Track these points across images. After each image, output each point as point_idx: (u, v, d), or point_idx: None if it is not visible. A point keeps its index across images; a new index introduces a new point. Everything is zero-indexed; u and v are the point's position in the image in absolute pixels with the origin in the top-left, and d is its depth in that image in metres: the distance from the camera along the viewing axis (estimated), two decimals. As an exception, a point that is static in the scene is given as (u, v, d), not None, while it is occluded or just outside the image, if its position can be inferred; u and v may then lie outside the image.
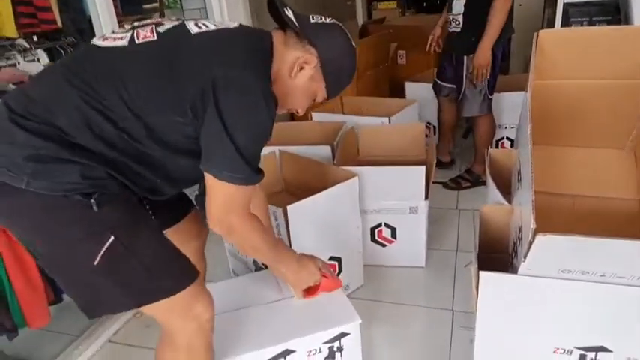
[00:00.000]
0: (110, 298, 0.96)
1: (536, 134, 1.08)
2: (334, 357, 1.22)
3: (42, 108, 0.90)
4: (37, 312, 1.48)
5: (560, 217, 1.31)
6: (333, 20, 1.06)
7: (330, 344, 1.20)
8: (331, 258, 1.68)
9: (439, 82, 2.66)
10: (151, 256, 0.95)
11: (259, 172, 0.98)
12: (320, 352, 1.20)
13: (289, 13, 0.99)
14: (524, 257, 0.97)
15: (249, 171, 0.95)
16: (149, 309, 0.99)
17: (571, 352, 1.12)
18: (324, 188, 1.61)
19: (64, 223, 0.91)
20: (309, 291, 1.26)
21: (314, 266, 1.23)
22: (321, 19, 1.04)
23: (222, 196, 0.97)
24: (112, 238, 0.90)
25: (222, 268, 1.97)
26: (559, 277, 1.02)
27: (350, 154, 2.13)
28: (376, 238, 1.92)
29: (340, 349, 1.21)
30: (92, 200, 0.89)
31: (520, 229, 1.08)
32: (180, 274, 0.99)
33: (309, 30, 1.00)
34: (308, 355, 1.19)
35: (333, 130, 2.22)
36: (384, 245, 1.93)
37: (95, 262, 0.90)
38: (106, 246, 0.89)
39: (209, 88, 0.89)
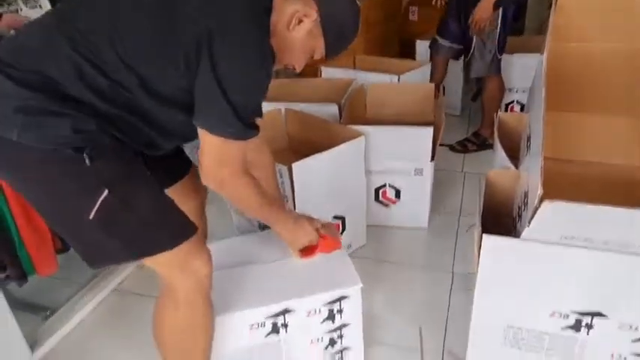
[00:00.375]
0: (108, 250, 0.96)
1: (550, 99, 1.05)
2: (333, 319, 1.23)
3: (32, 57, 0.87)
4: (44, 260, 1.51)
5: (568, 183, 1.30)
6: None
7: (330, 306, 1.21)
8: (335, 217, 1.69)
9: (439, 39, 2.55)
10: (146, 210, 0.95)
11: (253, 127, 0.96)
12: (319, 313, 1.21)
13: None
14: (529, 223, 0.97)
15: (241, 125, 0.93)
16: (148, 262, 1.00)
17: (567, 317, 1.13)
18: (330, 147, 1.60)
19: (56, 178, 0.90)
20: (307, 251, 1.26)
21: (310, 226, 1.22)
22: None
23: (214, 149, 0.95)
24: (106, 192, 0.89)
25: (226, 226, 1.98)
26: (562, 244, 1.02)
27: (357, 112, 2.10)
28: (380, 198, 1.93)
29: (340, 311, 1.22)
30: (84, 154, 0.87)
31: (526, 195, 1.08)
32: (176, 229, 0.99)
33: None
34: (307, 315, 1.20)
35: (341, 88, 2.18)
36: (387, 206, 1.94)
37: (90, 217, 0.89)
38: (100, 200, 0.89)
39: (204, 40, 0.87)
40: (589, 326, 1.13)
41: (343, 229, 1.74)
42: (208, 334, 1.09)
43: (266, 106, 1.93)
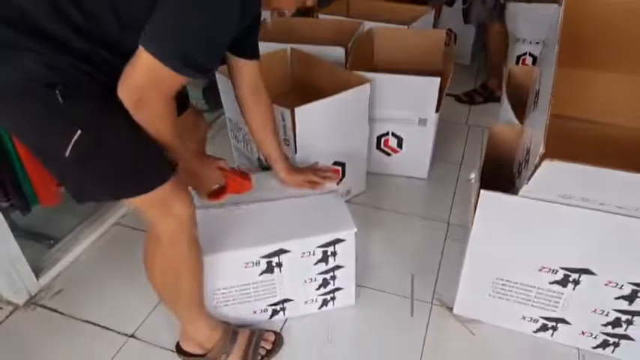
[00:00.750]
0: (88, 188, 0.96)
1: (563, 54, 1.02)
2: (327, 261, 1.27)
3: None
4: (47, 191, 1.53)
5: (571, 141, 1.28)
6: None
7: (324, 248, 1.24)
8: (335, 163, 1.70)
9: None
10: (121, 151, 0.92)
11: (193, 67, 0.85)
12: (313, 254, 1.25)
13: None
14: (528, 180, 0.97)
15: (178, 57, 0.83)
16: (128, 202, 1.00)
17: (556, 272, 1.17)
18: (335, 91, 1.57)
19: (30, 115, 0.87)
20: (215, 194, 1.23)
21: (215, 167, 1.17)
22: None
23: (144, 67, 0.84)
24: (80, 131, 0.86)
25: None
26: (559, 202, 1.03)
27: (364, 57, 2.05)
28: (382, 146, 1.92)
29: (334, 253, 1.26)
30: (57, 91, 0.84)
31: (528, 151, 1.07)
32: (153, 172, 0.96)
33: None
34: (302, 256, 1.24)
35: (349, 31, 2.11)
36: (388, 154, 1.94)
37: (66, 154, 0.87)
38: (74, 139, 0.86)
39: None
40: (576, 282, 1.17)
41: (343, 176, 1.75)
42: (194, 274, 1.11)
43: (272, 46, 1.90)
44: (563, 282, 1.18)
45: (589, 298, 1.18)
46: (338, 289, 1.36)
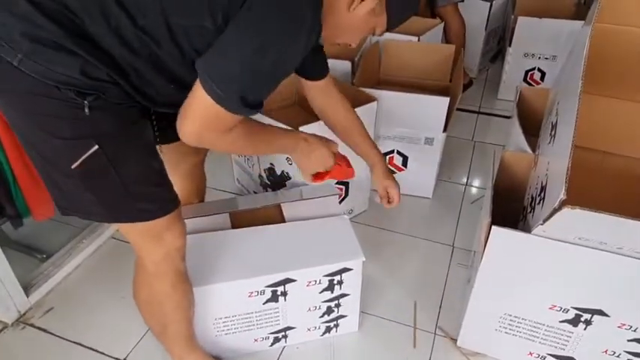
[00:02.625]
0: (82, 203, 0.90)
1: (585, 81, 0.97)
2: (333, 289, 1.23)
3: None
4: (40, 203, 1.48)
5: (586, 174, 1.24)
6: None
7: (330, 277, 1.20)
8: (338, 182, 1.65)
9: None
10: (133, 176, 0.88)
11: (250, 106, 0.82)
12: (320, 283, 1.21)
13: None
14: (544, 221, 0.92)
15: (235, 97, 0.80)
16: (120, 227, 0.96)
17: (567, 311, 1.12)
18: (340, 109, 1.52)
19: (49, 115, 0.82)
20: (318, 176, 1.17)
21: (327, 150, 1.12)
22: None
23: (201, 106, 0.82)
24: (96, 147, 0.82)
25: (228, 177, 1.95)
26: (574, 243, 0.99)
27: (371, 71, 2.00)
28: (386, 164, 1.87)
29: (340, 282, 1.22)
30: (85, 101, 0.80)
31: (544, 188, 1.02)
32: (158, 201, 0.93)
33: None
34: (307, 285, 1.20)
35: (356, 43, 2.06)
36: (393, 172, 1.87)
37: (73, 166, 0.83)
38: (88, 153, 0.82)
39: None
40: (588, 322, 1.12)
41: (346, 195, 1.71)
42: (180, 309, 1.07)
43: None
44: (574, 321, 1.13)
45: (600, 339, 1.14)
46: (342, 316, 1.32)
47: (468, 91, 2.72)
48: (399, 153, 1.83)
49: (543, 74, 2.55)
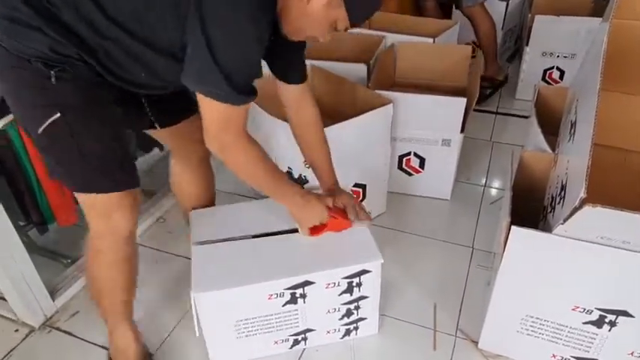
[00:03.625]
0: (51, 165, 1.02)
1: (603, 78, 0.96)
2: (352, 292, 1.23)
3: None
4: (64, 210, 1.52)
5: (607, 173, 1.22)
6: None
7: (349, 279, 1.20)
8: (356, 184, 1.65)
9: None
10: (91, 147, 0.95)
11: (246, 93, 0.90)
12: (338, 285, 1.21)
13: None
14: (564, 220, 0.91)
15: (228, 88, 0.87)
16: (77, 197, 1.03)
17: (591, 312, 1.10)
18: (356, 111, 1.53)
19: (22, 85, 0.93)
20: (315, 230, 1.23)
21: (321, 205, 1.18)
22: None
23: (210, 112, 0.92)
24: (58, 114, 0.91)
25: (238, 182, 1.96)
26: (596, 242, 0.97)
27: (386, 74, 2.00)
28: (403, 166, 1.87)
29: (359, 284, 1.22)
30: (52, 72, 0.89)
31: (564, 187, 1.01)
32: (110, 178, 0.98)
33: None
34: (326, 287, 1.20)
35: (371, 46, 2.06)
36: (410, 174, 1.88)
37: (39, 131, 0.93)
38: (50, 120, 0.91)
39: None
40: (612, 323, 1.10)
41: (364, 197, 1.70)
42: (117, 288, 1.13)
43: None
44: (598, 323, 1.11)
45: (626, 341, 1.12)
46: (361, 319, 1.31)
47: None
48: (416, 155, 1.82)
49: (562, 73, 2.51)
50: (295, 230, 1.27)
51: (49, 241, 1.62)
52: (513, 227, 1.04)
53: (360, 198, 1.69)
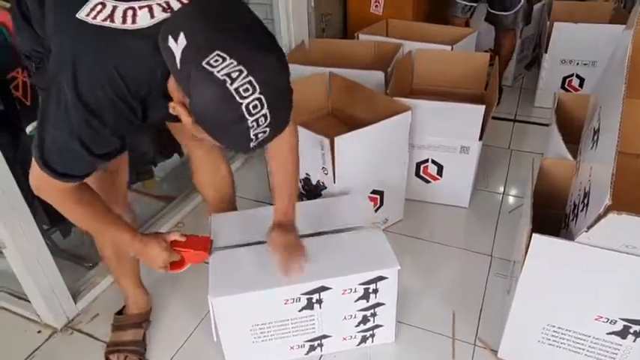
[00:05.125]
0: None
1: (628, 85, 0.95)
2: (368, 298, 1.23)
3: None
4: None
5: (630, 180, 1.20)
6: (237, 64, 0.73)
7: (365, 286, 1.20)
8: (373, 191, 1.65)
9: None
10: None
11: (62, 175, 0.88)
12: (355, 291, 1.21)
13: (174, 47, 0.74)
14: (588, 228, 0.90)
15: (42, 162, 0.86)
16: None
17: (615, 322, 1.08)
18: (373, 118, 1.54)
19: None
20: (174, 265, 1.16)
21: (159, 248, 1.10)
22: (219, 61, 0.72)
23: (34, 164, 0.89)
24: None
25: (259, 187, 1.97)
26: (620, 251, 0.96)
27: (404, 81, 2.00)
28: (421, 173, 1.86)
29: (375, 291, 1.22)
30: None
31: (587, 195, 1.00)
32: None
33: (184, 76, 0.75)
34: (343, 293, 1.20)
35: (389, 53, 2.07)
36: (427, 182, 1.88)
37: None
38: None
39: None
40: (637, 334, 1.08)
41: (381, 204, 1.70)
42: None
43: (311, 70, 1.89)
44: (623, 333, 1.09)
45: (651, 352, 1.09)
46: (378, 326, 1.31)
47: (504, 99, 2.68)
48: (433, 162, 1.82)
49: (582, 80, 2.49)
50: (314, 234, 1.28)
51: (71, 244, 1.65)
52: (535, 235, 1.03)
53: (378, 204, 1.70)
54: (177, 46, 0.74)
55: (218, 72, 0.71)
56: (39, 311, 1.43)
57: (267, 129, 0.76)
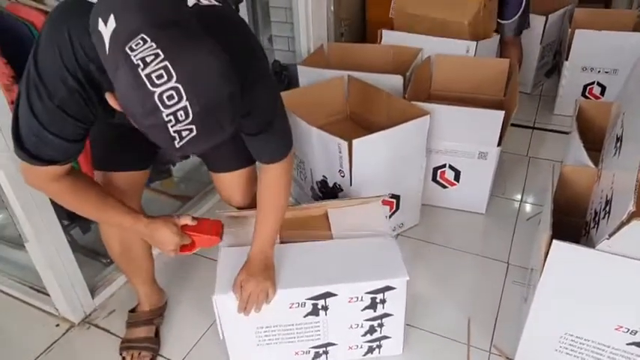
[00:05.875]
0: None
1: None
2: (375, 308, 1.21)
3: None
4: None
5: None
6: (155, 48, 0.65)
7: (373, 295, 1.18)
8: (390, 195, 1.65)
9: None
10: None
11: (25, 152, 0.86)
12: (361, 300, 1.19)
13: (103, 30, 0.69)
14: (610, 236, 0.89)
15: (15, 142, 0.86)
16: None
17: (635, 333, 1.06)
18: (391, 121, 1.54)
19: None
20: (184, 248, 1.14)
21: (169, 231, 1.08)
22: (140, 44, 0.65)
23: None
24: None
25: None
26: (642, 260, 0.94)
27: (422, 85, 2.00)
28: (438, 178, 1.86)
29: (383, 301, 1.19)
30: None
31: (609, 202, 0.99)
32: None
33: (110, 61, 0.70)
34: (349, 301, 1.18)
35: (408, 58, 2.07)
36: (444, 187, 1.87)
37: None
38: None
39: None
40: (658, 346, 1.06)
41: (397, 209, 1.70)
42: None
43: (329, 73, 1.90)
44: (643, 344, 1.07)
45: (673, 364, 1.07)
46: (385, 337, 1.29)
47: (522, 106, 2.63)
48: (451, 167, 1.81)
49: (604, 89, 2.46)
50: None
51: (90, 240, 1.68)
52: (554, 241, 1.02)
53: (394, 209, 1.69)
54: (107, 29, 0.68)
55: (135, 56, 0.65)
56: (58, 305, 1.46)
57: (192, 127, 0.67)
